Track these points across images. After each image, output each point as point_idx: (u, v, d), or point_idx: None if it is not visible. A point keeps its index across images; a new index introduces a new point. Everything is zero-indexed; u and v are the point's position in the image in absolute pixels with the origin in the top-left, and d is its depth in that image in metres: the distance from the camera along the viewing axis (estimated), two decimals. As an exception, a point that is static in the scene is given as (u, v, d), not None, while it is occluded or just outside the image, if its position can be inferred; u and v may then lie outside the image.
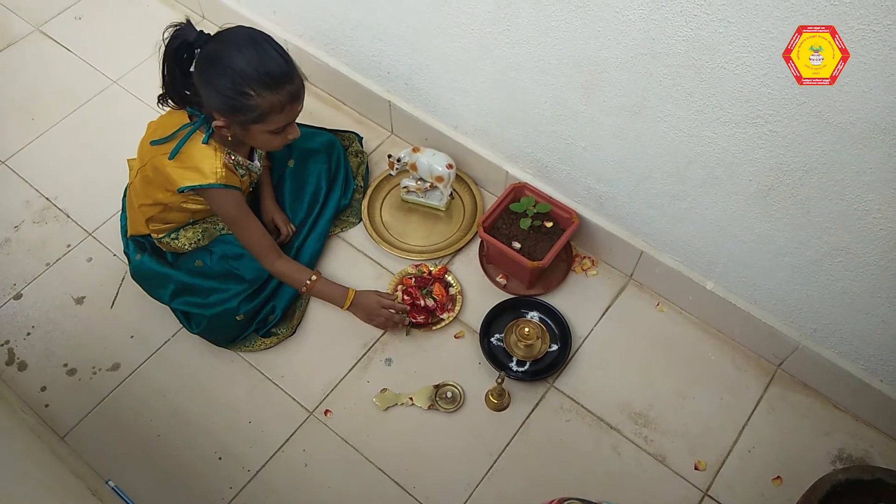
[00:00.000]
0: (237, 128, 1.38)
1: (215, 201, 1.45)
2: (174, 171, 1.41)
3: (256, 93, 1.31)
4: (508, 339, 1.59)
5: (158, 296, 1.60)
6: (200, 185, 1.40)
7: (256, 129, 1.37)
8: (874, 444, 1.52)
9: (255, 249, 1.52)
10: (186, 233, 1.57)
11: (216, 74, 1.31)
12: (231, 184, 1.44)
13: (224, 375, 1.60)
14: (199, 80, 1.34)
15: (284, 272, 1.55)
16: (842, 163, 1.14)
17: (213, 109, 1.36)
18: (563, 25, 1.29)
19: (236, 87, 1.30)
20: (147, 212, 1.52)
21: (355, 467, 1.49)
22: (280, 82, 1.33)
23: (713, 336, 1.64)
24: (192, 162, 1.40)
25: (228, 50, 1.31)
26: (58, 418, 1.55)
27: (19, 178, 1.88)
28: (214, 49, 1.32)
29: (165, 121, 1.47)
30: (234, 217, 1.47)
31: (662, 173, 1.41)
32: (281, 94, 1.33)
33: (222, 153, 1.42)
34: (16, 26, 2.18)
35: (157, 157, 1.42)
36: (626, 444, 1.52)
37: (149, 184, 1.48)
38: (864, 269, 1.27)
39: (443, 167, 1.72)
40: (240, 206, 1.47)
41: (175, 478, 1.49)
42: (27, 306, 1.69)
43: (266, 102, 1.33)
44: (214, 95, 1.33)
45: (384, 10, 1.61)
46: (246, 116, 1.34)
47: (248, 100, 1.31)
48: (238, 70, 1.30)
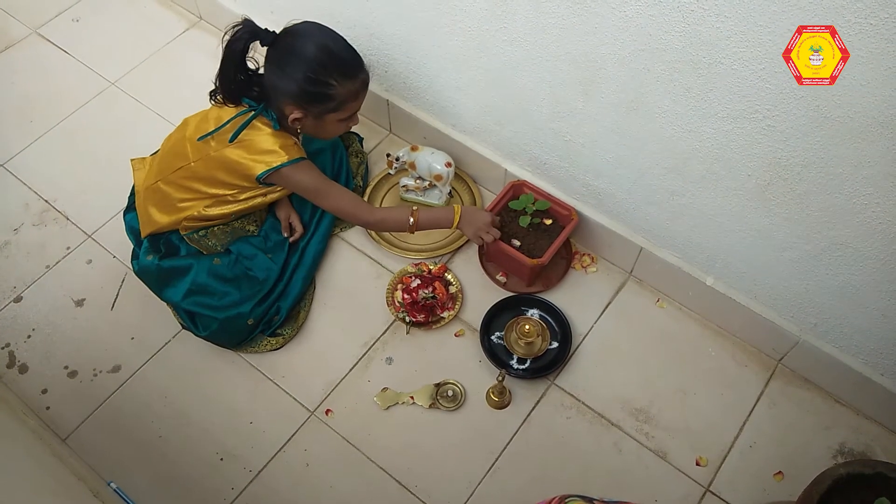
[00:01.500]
0: (311, 119, 1.44)
1: (295, 178, 1.47)
2: (245, 160, 1.44)
3: (337, 82, 1.39)
4: (509, 336, 1.59)
5: (168, 295, 1.57)
6: (281, 164, 1.44)
7: (331, 117, 1.44)
8: (875, 438, 1.52)
9: (347, 209, 1.53)
10: (216, 231, 1.58)
11: (296, 67, 1.37)
12: (304, 156, 1.48)
13: (225, 376, 1.60)
14: (277, 74, 1.39)
15: (385, 217, 1.58)
16: (840, 157, 1.14)
17: (288, 102, 1.41)
18: (561, 22, 1.29)
19: (318, 77, 1.38)
20: (189, 208, 1.51)
21: (357, 467, 1.50)
22: (356, 71, 1.42)
23: (713, 331, 1.65)
24: (264, 146, 1.44)
25: (305, 43, 1.38)
26: (59, 420, 1.55)
27: (18, 181, 1.88)
28: (290, 43, 1.39)
29: (214, 113, 1.49)
30: (317, 186, 1.50)
31: (661, 169, 1.41)
32: (356, 82, 1.43)
33: (286, 134, 1.47)
34: (13, 29, 2.18)
35: (221, 151, 1.44)
36: (628, 440, 1.52)
37: (200, 180, 1.49)
38: (864, 262, 1.27)
39: (441, 165, 1.72)
40: (319, 174, 1.51)
41: (176, 479, 1.49)
42: (27, 309, 1.69)
43: (345, 90, 1.41)
44: (294, 88, 1.38)
45: (381, 8, 1.61)
46: (325, 106, 1.41)
47: (330, 89, 1.39)
48: (318, 60, 1.37)
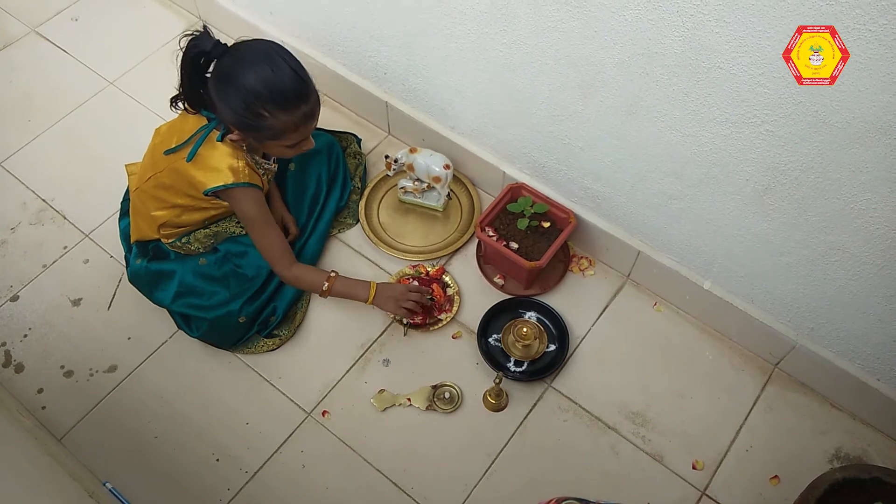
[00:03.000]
0: (252, 141, 1.40)
1: (238, 200, 1.44)
2: (197, 174, 1.41)
3: (270, 113, 1.31)
4: (506, 339, 1.59)
5: (159, 299, 1.58)
6: (227, 185, 1.40)
7: (271, 144, 1.38)
8: (871, 442, 1.52)
9: (271, 253, 1.50)
10: (198, 235, 1.57)
11: (230, 93, 1.30)
12: (254, 182, 1.44)
13: (221, 377, 1.60)
14: (215, 94, 1.34)
15: (301, 276, 1.53)
16: (838, 162, 1.14)
17: (228, 122, 1.37)
18: (560, 26, 1.29)
19: (250, 108, 1.30)
20: (161, 217, 1.51)
21: (353, 468, 1.49)
22: (294, 103, 1.32)
23: (710, 335, 1.65)
24: (214, 163, 1.40)
25: (243, 67, 1.29)
26: (55, 420, 1.55)
27: (16, 180, 1.88)
28: (229, 65, 1.31)
29: (179, 125, 1.47)
30: (254, 217, 1.46)
31: (659, 173, 1.41)
32: (295, 114, 1.33)
33: (242, 153, 1.43)
34: (12, 27, 2.18)
35: (177, 162, 1.43)
36: (624, 443, 1.52)
37: (166, 189, 1.47)
38: (861, 267, 1.28)
39: (440, 168, 1.72)
40: (261, 206, 1.47)
41: (172, 479, 1.48)
42: (24, 308, 1.69)
43: (280, 122, 1.32)
44: (229, 112, 1.33)
45: (381, 10, 1.61)
46: (260, 134, 1.35)
47: (263, 120, 1.32)
48: (252, 90, 1.29)
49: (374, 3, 1.60)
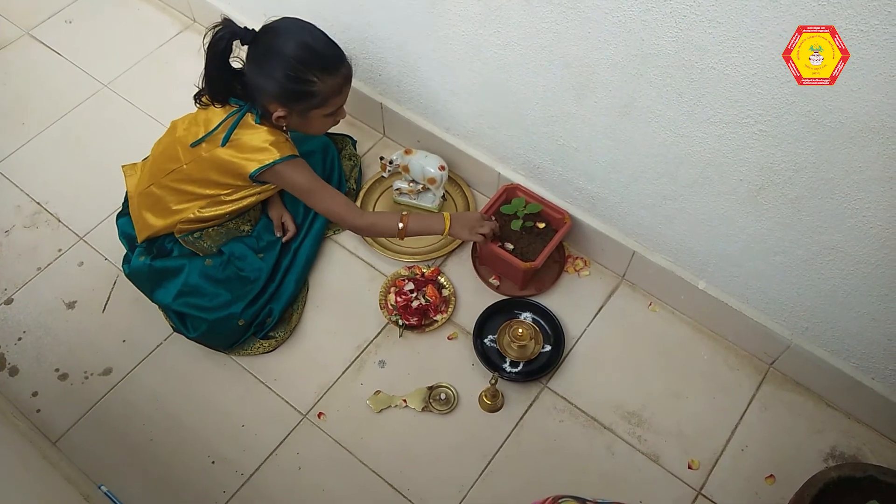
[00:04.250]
0: (296, 116, 1.43)
1: (288, 175, 1.46)
2: (238, 158, 1.43)
3: (319, 78, 1.38)
4: (502, 340, 1.59)
5: (159, 296, 1.57)
6: (273, 161, 1.42)
7: (316, 113, 1.43)
8: (866, 441, 1.52)
9: (337, 210, 1.52)
10: (210, 233, 1.57)
11: (276, 65, 1.36)
12: (296, 154, 1.47)
13: (216, 379, 1.59)
14: (257, 72, 1.38)
15: (374, 222, 1.56)
16: (832, 162, 1.15)
17: (271, 100, 1.39)
18: (554, 27, 1.29)
19: (298, 75, 1.36)
20: (185, 211, 1.51)
21: (349, 470, 1.49)
22: (336, 65, 1.41)
23: (706, 335, 1.65)
24: (255, 144, 1.43)
25: (283, 40, 1.36)
26: (50, 423, 1.54)
27: (10, 183, 1.88)
28: (269, 41, 1.37)
29: (201, 117, 1.48)
30: (309, 185, 1.48)
31: (654, 173, 1.41)
32: (338, 76, 1.41)
33: (279, 130, 1.46)
34: (5, 30, 2.17)
35: (211, 151, 1.44)
36: (620, 443, 1.52)
37: (193, 182, 1.48)
38: (855, 267, 1.28)
39: (435, 169, 1.72)
40: (311, 173, 1.49)
41: (168, 482, 1.48)
42: (18, 311, 1.69)
43: (327, 86, 1.39)
44: (275, 87, 1.37)
45: (375, 13, 1.61)
46: (308, 103, 1.40)
47: (311, 86, 1.38)
48: (297, 57, 1.35)
49: (368, 5, 1.60)
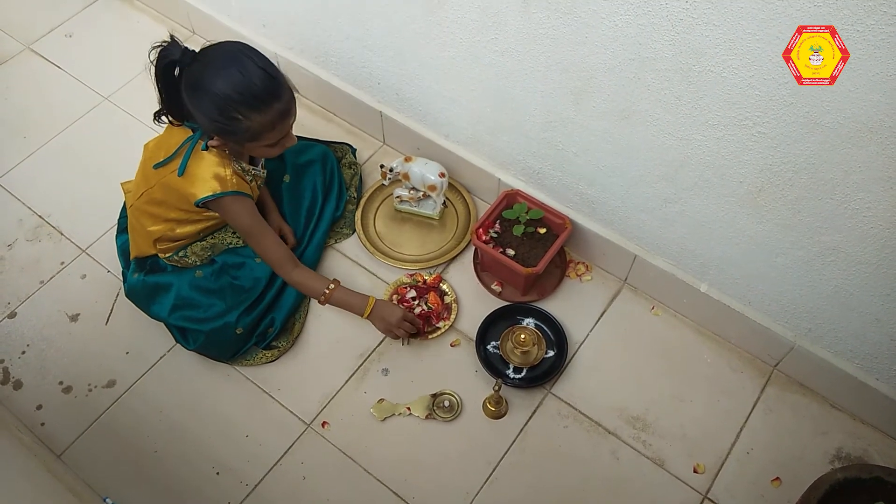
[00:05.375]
0: (233, 145, 1.40)
1: (230, 211, 1.44)
2: (187, 186, 1.41)
3: (245, 116, 1.31)
4: (505, 346, 1.59)
5: (155, 312, 1.58)
6: (216, 195, 1.40)
7: (251, 145, 1.38)
8: (872, 442, 1.52)
9: (272, 258, 1.50)
10: (195, 248, 1.57)
11: (203, 100, 1.31)
12: (243, 191, 1.44)
13: (220, 390, 1.59)
14: (189, 103, 1.34)
15: (302, 281, 1.53)
16: (831, 163, 1.15)
17: (206, 130, 1.37)
18: (551, 32, 1.30)
19: (224, 113, 1.30)
20: (156, 232, 1.51)
21: (354, 479, 1.49)
22: (268, 102, 1.32)
23: (709, 338, 1.65)
24: (201, 173, 1.40)
25: (211, 74, 1.29)
26: (54, 436, 1.54)
27: (12, 197, 1.88)
28: (198, 72, 1.31)
29: (165, 139, 1.47)
30: (249, 226, 1.46)
31: (653, 177, 1.41)
32: (269, 113, 1.33)
33: (229, 161, 1.43)
34: (6, 45, 2.18)
35: (167, 177, 1.43)
36: (625, 448, 1.52)
37: (158, 204, 1.48)
38: (856, 267, 1.28)
39: (435, 176, 1.72)
40: (254, 215, 1.47)
41: (173, 494, 1.48)
42: (21, 325, 1.69)
43: (256, 124, 1.32)
44: (205, 120, 1.33)
45: (374, 21, 1.61)
46: (239, 137, 1.35)
47: (238, 123, 1.31)
48: (223, 95, 1.29)
49: (367, 14, 1.61)
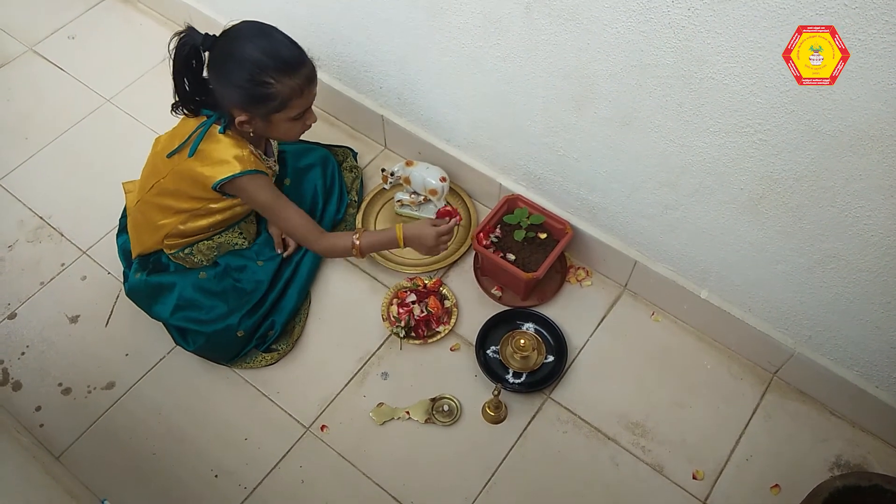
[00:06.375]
0: (259, 121, 1.41)
1: (249, 190, 1.45)
2: (203, 169, 1.42)
3: (276, 79, 1.35)
4: (504, 350, 1.59)
5: (157, 312, 1.58)
6: (234, 175, 1.41)
7: (278, 117, 1.41)
8: (871, 450, 1.52)
9: (297, 231, 1.51)
10: (201, 247, 1.57)
11: (233, 70, 1.34)
12: (261, 169, 1.45)
13: (219, 392, 1.59)
14: (217, 78, 1.37)
15: (329, 246, 1.53)
16: (832, 170, 1.15)
17: (233, 105, 1.39)
18: (553, 38, 1.30)
19: (255, 78, 1.34)
20: (167, 226, 1.51)
21: (352, 483, 1.49)
22: (295, 66, 1.37)
23: (708, 345, 1.65)
24: (218, 156, 1.42)
25: (241, 44, 1.34)
26: (53, 438, 1.54)
27: (13, 198, 1.88)
28: (226, 46, 1.35)
29: (178, 130, 1.49)
30: (270, 202, 1.47)
31: (654, 183, 1.42)
32: (298, 77, 1.37)
33: (246, 144, 1.45)
34: (9, 46, 2.19)
35: (181, 164, 1.44)
36: (624, 454, 1.52)
37: (171, 195, 1.48)
38: (857, 275, 1.28)
39: (436, 180, 1.72)
40: (273, 190, 1.48)
41: (171, 496, 1.48)
42: (21, 326, 1.69)
43: (286, 88, 1.36)
44: (234, 91, 1.36)
45: (376, 26, 1.62)
46: (268, 106, 1.37)
47: (269, 88, 1.35)
48: (254, 61, 1.33)
49: (369, 19, 1.61)
